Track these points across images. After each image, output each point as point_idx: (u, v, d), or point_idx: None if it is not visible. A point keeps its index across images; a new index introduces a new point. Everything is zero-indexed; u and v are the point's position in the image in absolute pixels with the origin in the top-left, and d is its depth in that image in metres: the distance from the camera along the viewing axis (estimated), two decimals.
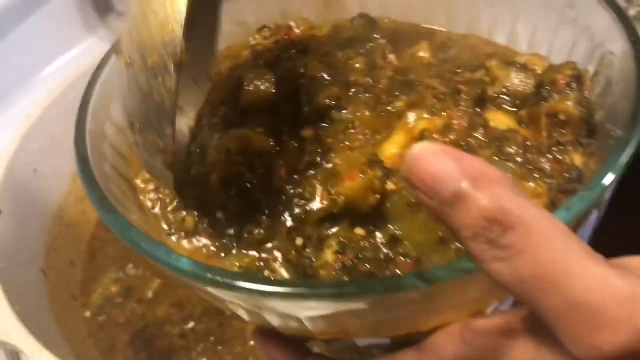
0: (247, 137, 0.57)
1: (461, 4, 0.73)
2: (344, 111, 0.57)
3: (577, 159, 0.52)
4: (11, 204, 0.63)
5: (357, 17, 0.72)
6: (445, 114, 0.54)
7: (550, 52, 0.66)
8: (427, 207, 0.40)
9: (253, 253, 0.52)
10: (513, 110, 0.57)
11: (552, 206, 0.48)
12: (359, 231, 0.51)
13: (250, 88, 0.59)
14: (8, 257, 0.59)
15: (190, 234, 0.54)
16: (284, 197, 0.53)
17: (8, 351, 0.59)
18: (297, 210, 0.52)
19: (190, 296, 0.87)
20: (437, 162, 0.39)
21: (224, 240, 0.53)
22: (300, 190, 0.53)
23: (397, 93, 0.58)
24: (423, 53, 0.67)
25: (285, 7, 0.76)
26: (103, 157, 0.56)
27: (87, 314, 0.77)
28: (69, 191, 0.88)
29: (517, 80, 0.58)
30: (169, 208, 0.56)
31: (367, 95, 0.58)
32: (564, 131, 0.54)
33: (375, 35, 0.69)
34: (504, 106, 0.57)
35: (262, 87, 0.59)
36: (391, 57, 0.64)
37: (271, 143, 0.56)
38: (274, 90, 0.59)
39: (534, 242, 0.36)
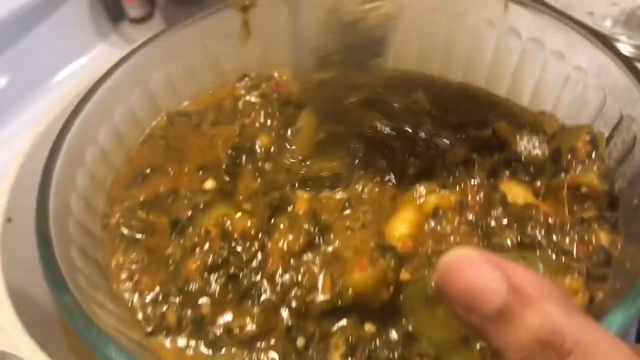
0: (229, 217, 0.50)
1: (457, 50, 0.68)
2: (339, 190, 0.52)
3: (604, 238, 0.48)
4: (21, 212, 0.60)
5: None
6: (458, 188, 0.49)
7: (555, 108, 0.61)
8: (466, 322, 0.34)
9: (245, 352, 0.46)
10: (527, 180, 0.52)
11: (590, 303, 0.43)
12: (370, 328, 0.45)
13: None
14: (17, 265, 0.56)
15: (173, 331, 0.47)
16: (278, 287, 0.47)
17: None
18: (295, 303, 0.46)
19: None
20: (478, 272, 0.33)
21: (211, 337, 0.46)
22: (299, 278, 0.47)
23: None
24: (422, 103, 0.62)
25: (265, 55, 0.70)
26: (69, 238, 0.48)
27: None
28: None
29: (530, 146, 0.53)
30: (147, 299, 0.48)
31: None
32: (586, 205, 0.50)
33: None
34: (519, 175, 0.52)
35: None
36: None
37: (256, 224, 0.50)
38: None
39: None
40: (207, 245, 0.50)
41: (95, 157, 0.56)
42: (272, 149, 0.57)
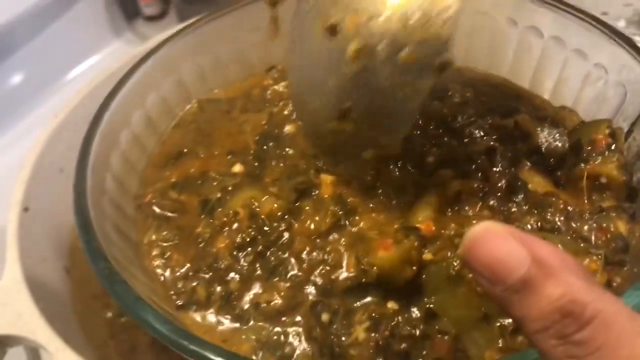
0: (256, 199, 0.52)
1: (479, 48, 0.69)
2: None
3: (622, 227, 0.49)
4: (37, 202, 0.63)
5: None
6: (481, 175, 0.50)
7: (575, 104, 0.63)
8: (488, 293, 0.36)
9: (271, 325, 0.47)
10: (548, 170, 0.53)
11: (608, 287, 0.45)
12: (392, 305, 0.46)
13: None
14: (33, 253, 0.59)
15: (202, 305, 0.48)
16: (305, 264, 0.49)
17: (28, 348, 0.57)
18: (320, 280, 0.48)
19: None
20: (503, 245, 0.35)
21: (238, 311, 0.48)
22: (325, 257, 0.48)
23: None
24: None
25: None
26: (104, 215, 0.50)
27: (109, 314, 0.73)
28: None
29: (550, 138, 0.55)
30: (178, 274, 0.50)
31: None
32: (604, 195, 0.51)
33: None
34: (539, 165, 0.53)
35: None
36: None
37: (283, 205, 0.52)
38: None
39: (613, 340, 0.32)
40: (235, 225, 0.52)
41: (128, 140, 0.58)
42: (297, 137, 0.59)
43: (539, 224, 0.48)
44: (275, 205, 0.52)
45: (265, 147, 0.59)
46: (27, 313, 0.51)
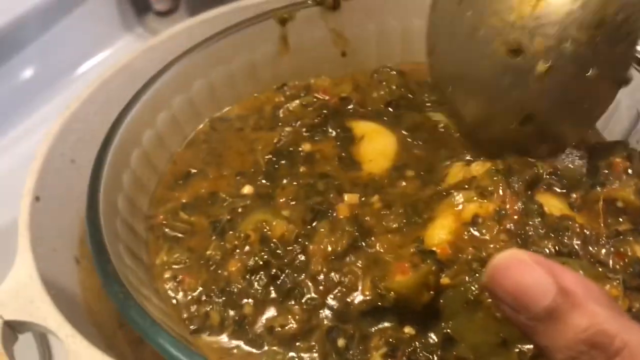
0: (267, 222, 0.52)
1: None
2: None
3: (639, 251, 0.48)
4: (49, 192, 0.62)
5: (381, 70, 0.69)
6: (496, 196, 0.50)
7: None
8: (513, 321, 0.35)
9: (286, 350, 0.47)
10: (563, 192, 0.53)
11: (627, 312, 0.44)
12: (409, 330, 0.45)
13: None
14: (44, 242, 0.58)
15: (215, 330, 0.48)
16: (321, 286, 0.48)
17: (37, 335, 0.58)
18: (336, 303, 0.47)
19: None
20: (528, 273, 0.34)
21: (252, 336, 0.47)
22: (342, 279, 0.48)
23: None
24: None
25: (301, 64, 0.72)
26: (117, 236, 0.50)
27: None
28: None
29: (567, 160, 0.54)
30: (191, 298, 0.50)
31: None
32: (621, 219, 0.50)
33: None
34: (554, 188, 0.53)
35: None
36: None
37: (294, 229, 0.51)
38: None
39: None
40: (247, 248, 0.51)
41: (139, 159, 0.58)
42: (315, 156, 0.58)
43: (556, 247, 0.47)
44: (287, 229, 0.51)
45: (276, 165, 0.58)
46: (38, 300, 0.51)
